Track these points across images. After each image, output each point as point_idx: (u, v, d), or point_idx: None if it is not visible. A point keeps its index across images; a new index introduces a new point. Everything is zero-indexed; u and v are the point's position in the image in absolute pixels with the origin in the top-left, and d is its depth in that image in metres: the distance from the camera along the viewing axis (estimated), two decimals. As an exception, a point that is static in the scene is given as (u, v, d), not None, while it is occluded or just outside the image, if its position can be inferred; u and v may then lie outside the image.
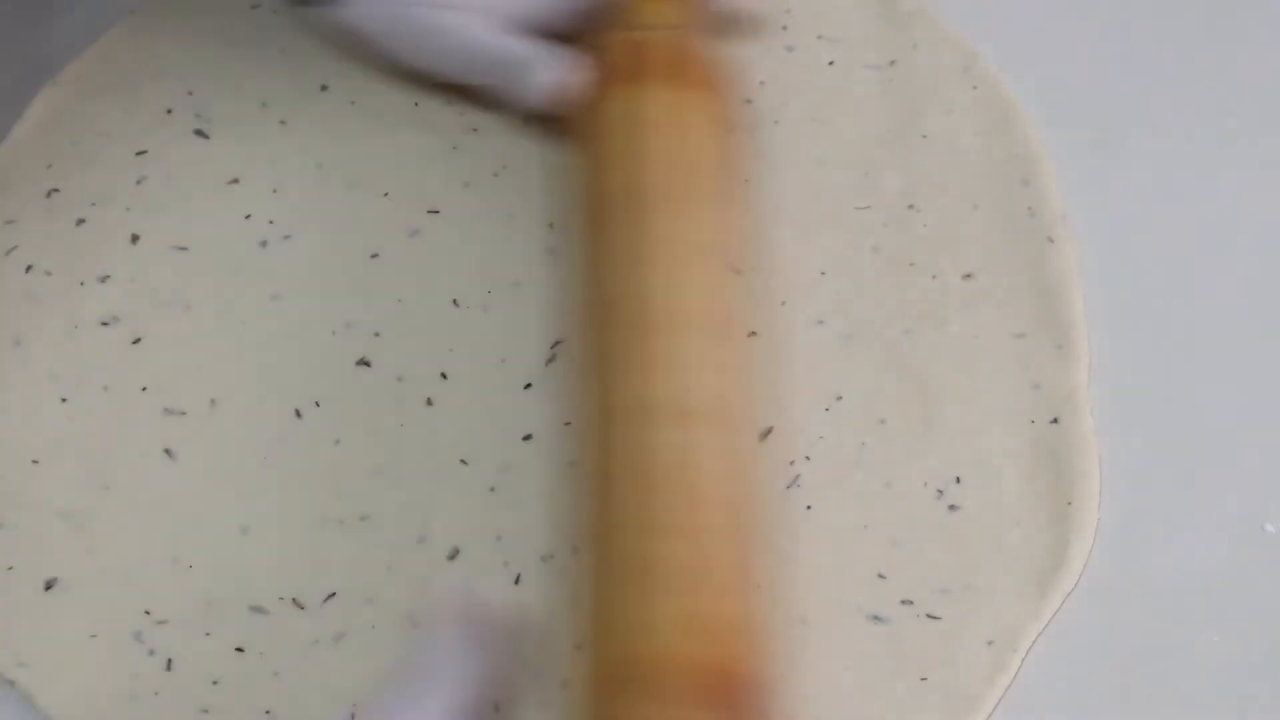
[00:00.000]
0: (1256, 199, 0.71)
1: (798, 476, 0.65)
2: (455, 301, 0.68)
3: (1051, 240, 0.69)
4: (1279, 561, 0.64)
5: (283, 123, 0.72)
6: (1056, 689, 0.62)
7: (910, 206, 0.70)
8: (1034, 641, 0.62)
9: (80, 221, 0.70)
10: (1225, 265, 0.70)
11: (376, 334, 0.68)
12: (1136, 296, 0.69)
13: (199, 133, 0.72)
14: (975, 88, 0.73)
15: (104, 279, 0.69)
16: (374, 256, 0.69)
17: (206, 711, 0.61)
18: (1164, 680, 0.62)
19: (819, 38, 0.74)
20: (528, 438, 0.66)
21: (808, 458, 0.65)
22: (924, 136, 0.72)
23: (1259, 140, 0.73)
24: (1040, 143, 0.72)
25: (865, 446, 0.65)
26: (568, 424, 0.66)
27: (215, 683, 0.62)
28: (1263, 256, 0.70)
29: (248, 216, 0.71)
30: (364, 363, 0.67)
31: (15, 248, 0.70)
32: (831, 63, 0.74)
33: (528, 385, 0.67)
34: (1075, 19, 0.76)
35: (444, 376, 0.67)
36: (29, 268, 0.69)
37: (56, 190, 0.71)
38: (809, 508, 0.64)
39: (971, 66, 0.74)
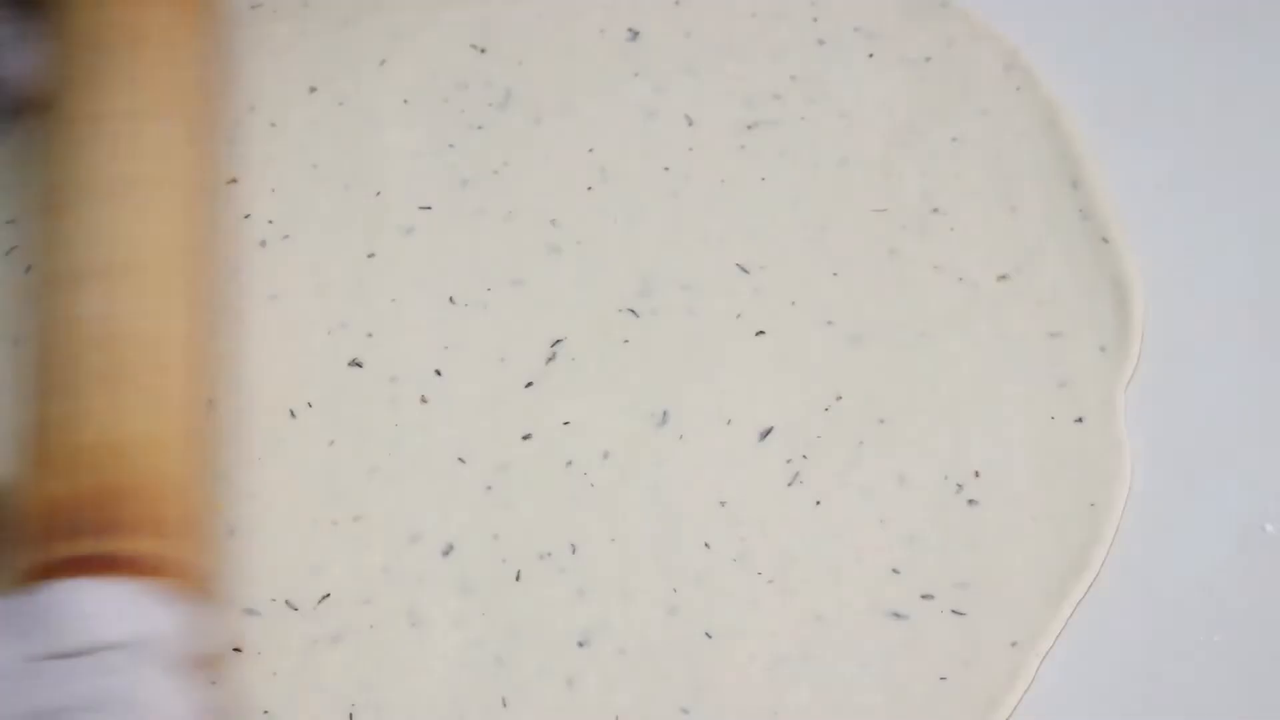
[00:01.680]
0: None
1: (797, 474, 0.65)
2: (451, 299, 0.68)
3: (1106, 241, 0.69)
4: (1279, 561, 0.64)
5: (272, 125, 0.72)
6: (1053, 687, 0.62)
7: (935, 210, 0.70)
8: (1053, 644, 0.62)
9: (79, 222, 0.70)
10: (1232, 267, 0.70)
11: (369, 334, 0.68)
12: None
13: (189, 134, 0.72)
14: (1018, 89, 0.72)
15: (103, 279, 0.69)
16: (370, 256, 0.69)
17: (205, 711, 0.62)
18: (1164, 680, 0.62)
19: (855, 30, 0.74)
20: (527, 437, 0.66)
21: (805, 456, 0.65)
22: (954, 140, 0.71)
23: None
24: (1087, 144, 0.71)
25: (863, 446, 0.65)
26: (567, 423, 0.66)
27: (213, 683, 0.62)
28: (1266, 258, 0.70)
29: (247, 216, 0.71)
30: (356, 363, 0.67)
31: (15, 247, 0.70)
32: (871, 55, 0.73)
33: (529, 384, 0.67)
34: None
35: (439, 374, 0.67)
36: (28, 268, 0.69)
37: (53, 190, 0.71)
38: (818, 503, 0.64)
39: (1013, 65, 0.73)
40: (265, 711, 0.61)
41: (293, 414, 0.66)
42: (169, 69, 0.68)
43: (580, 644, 0.62)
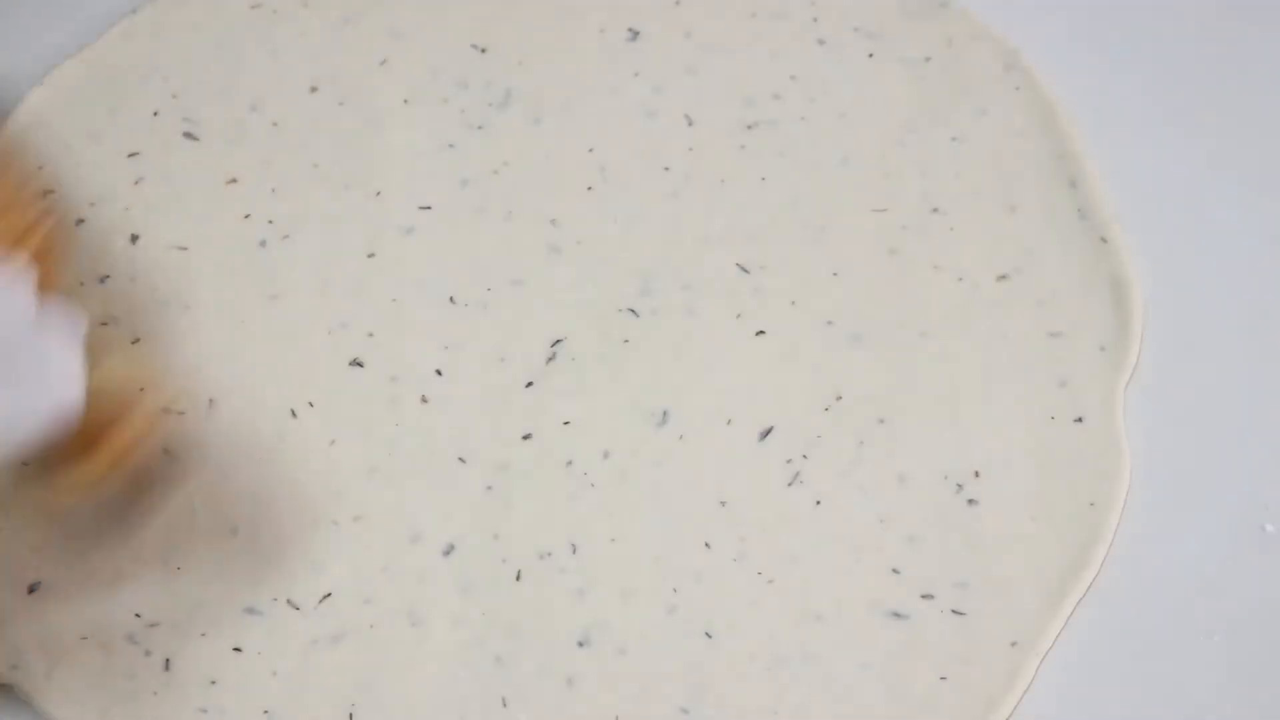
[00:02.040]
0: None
1: (797, 474, 0.65)
2: (452, 299, 0.68)
3: (1105, 240, 0.69)
4: (1279, 561, 0.64)
5: (274, 124, 0.72)
6: (1053, 687, 0.62)
7: (934, 210, 0.70)
8: (1053, 644, 0.62)
9: (79, 222, 0.70)
10: (1232, 267, 0.70)
11: (370, 334, 0.68)
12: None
13: (188, 135, 0.72)
14: (1017, 88, 0.73)
15: (103, 279, 0.69)
16: (371, 256, 0.69)
17: (205, 711, 0.62)
18: (1164, 680, 0.62)
19: (854, 30, 0.74)
20: (527, 437, 0.66)
21: (805, 456, 0.65)
22: (954, 139, 0.72)
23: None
24: (1085, 143, 0.71)
25: (863, 446, 0.65)
26: (567, 423, 0.66)
27: (213, 683, 0.62)
28: (1266, 258, 0.70)
29: (247, 216, 0.71)
30: (357, 363, 0.67)
31: (13, 248, 0.70)
32: (871, 55, 0.74)
33: (529, 384, 0.67)
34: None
35: (439, 374, 0.67)
36: (27, 268, 0.69)
37: (51, 192, 0.71)
38: (818, 503, 0.64)
39: (1013, 65, 0.73)
40: (265, 711, 0.62)
41: (293, 414, 0.66)
42: None
43: (580, 644, 0.62)
